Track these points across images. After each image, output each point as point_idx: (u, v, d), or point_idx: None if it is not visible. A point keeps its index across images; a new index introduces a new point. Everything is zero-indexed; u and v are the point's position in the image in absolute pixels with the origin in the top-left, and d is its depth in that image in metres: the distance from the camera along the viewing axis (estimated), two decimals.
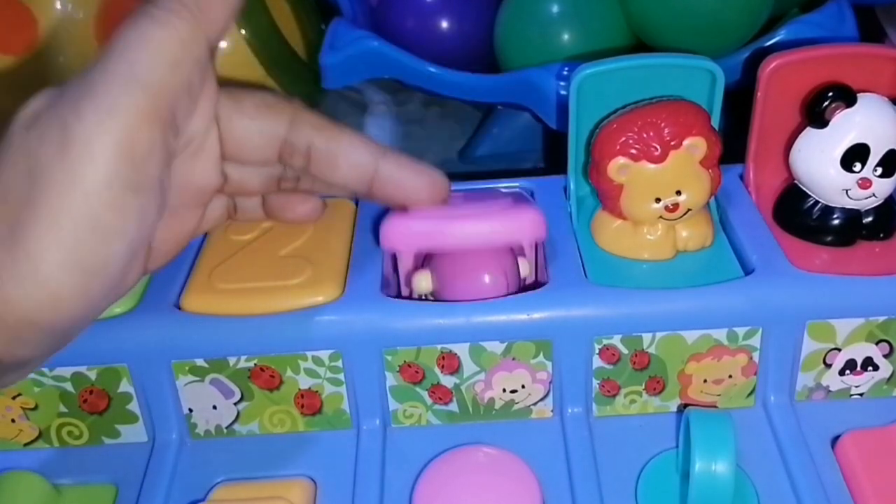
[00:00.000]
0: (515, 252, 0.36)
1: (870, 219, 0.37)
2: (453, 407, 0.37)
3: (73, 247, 0.24)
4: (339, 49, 0.47)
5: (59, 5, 0.49)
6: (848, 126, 0.36)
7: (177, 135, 0.26)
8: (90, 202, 0.24)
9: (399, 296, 0.36)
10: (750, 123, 0.39)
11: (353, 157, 0.30)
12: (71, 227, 0.24)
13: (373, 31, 0.48)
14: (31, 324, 0.24)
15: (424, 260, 0.36)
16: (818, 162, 0.36)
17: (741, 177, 0.41)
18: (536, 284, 0.36)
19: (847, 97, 0.36)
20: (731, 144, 0.38)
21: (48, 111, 0.25)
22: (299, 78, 0.51)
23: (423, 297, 0.36)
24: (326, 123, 0.30)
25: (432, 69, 0.46)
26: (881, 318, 0.35)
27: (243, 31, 0.49)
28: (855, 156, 0.36)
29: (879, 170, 0.36)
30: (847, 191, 0.36)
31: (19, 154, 0.25)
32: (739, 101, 0.41)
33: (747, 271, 0.36)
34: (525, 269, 0.36)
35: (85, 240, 0.24)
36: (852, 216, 0.37)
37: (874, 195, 0.36)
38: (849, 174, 0.36)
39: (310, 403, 0.37)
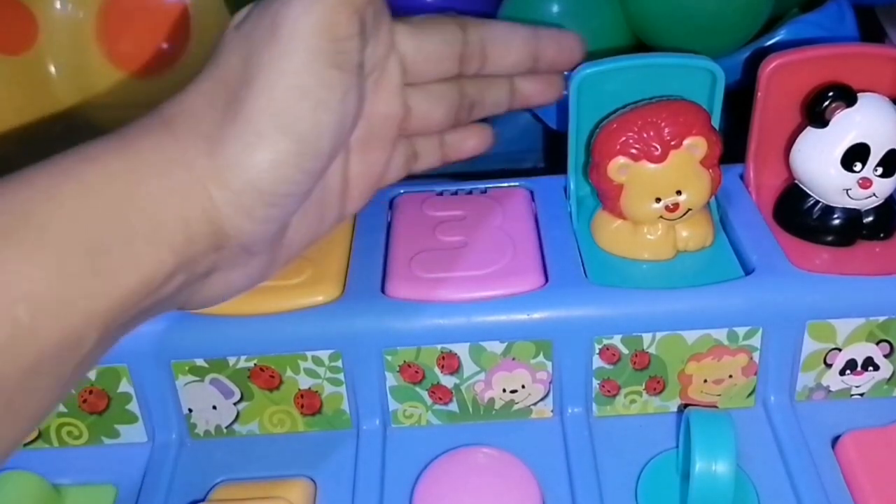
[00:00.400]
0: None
1: (870, 219, 0.37)
2: (453, 407, 0.37)
3: (285, 110, 0.27)
4: None
5: (59, 5, 0.49)
6: (848, 126, 0.36)
7: (365, 43, 0.29)
8: (299, 73, 0.27)
9: None
10: (750, 123, 0.39)
11: (519, 35, 0.35)
12: (282, 94, 0.27)
13: None
14: (253, 188, 0.27)
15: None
16: (818, 162, 0.36)
17: (741, 177, 0.41)
18: None
19: (847, 97, 0.36)
20: (731, 144, 0.38)
21: (256, 8, 0.29)
22: None
23: None
24: (485, 20, 0.34)
25: None
26: (881, 318, 0.35)
27: None
28: (855, 155, 0.36)
29: (880, 169, 0.36)
30: (847, 190, 0.36)
31: (234, 45, 0.28)
32: (739, 101, 0.41)
33: (747, 271, 0.36)
34: None
35: (296, 105, 0.27)
36: (852, 216, 0.37)
37: (874, 195, 0.36)
38: (849, 174, 0.36)
39: (310, 403, 0.37)
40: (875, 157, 0.36)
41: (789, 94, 0.38)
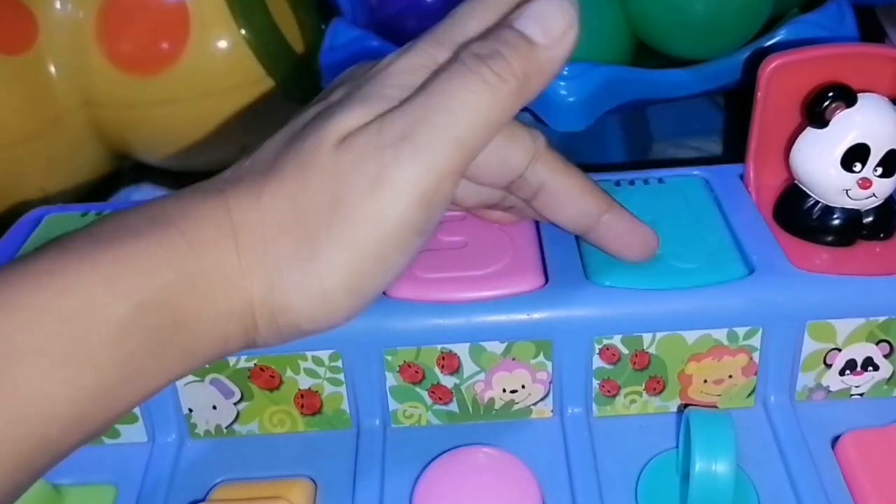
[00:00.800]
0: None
1: (870, 219, 0.37)
2: (453, 407, 0.37)
3: (358, 275, 0.26)
4: (339, 49, 0.47)
5: (59, 5, 0.49)
6: (848, 126, 0.36)
7: None
8: (385, 241, 0.26)
9: None
10: (750, 123, 0.39)
11: (580, 205, 0.32)
12: (362, 258, 0.26)
13: (373, 31, 0.48)
14: (297, 330, 0.27)
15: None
16: (818, 162, 0.36)
17: (741, 177, 0.41)
18: None
19: (847, 97, 0.36)
20: (731, 144, 0.38)
21: (364, 142, 0.26)
22: (299, 78, 0.51)
23: None
24: (563, 166, 0.31)
25: None
26: (881, 318, 0.35)
27: (243, 31, 0.49)
28: (855, 156, 0.36)
29: (880, 170, 0.36)
30: (847, 191, 0.36)
31: (327, 176, 0.26)
32: (739, 101, 0.41)
33: (747, 272, 0.36)
34: None
35: (370, 272, 0.26)
36: (852, 216, 0.37)
37: (874, 195, 0.36)
38: (849, 174, 0.36)
39: (310, 403, 0.37)
40: (875, 157, 0.36)
41: (789, 94, 0.38)
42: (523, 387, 0.36)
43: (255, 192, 0.26)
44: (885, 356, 0.36)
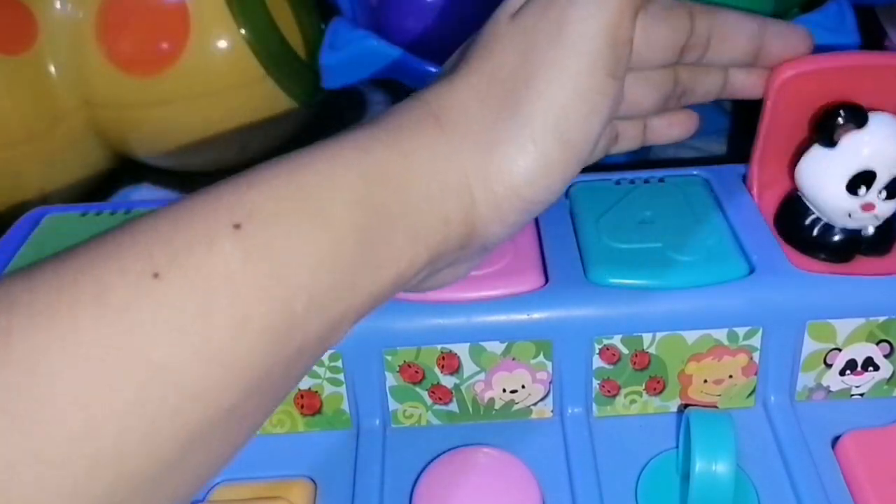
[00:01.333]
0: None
1: (869, 234, 0.37)
2: (453, 407, 0.37)
3: (560, 117, 0.27)
4: (339, 49, 0.47)
5: (59, 5, 0.49)
6: (856, 150, 0.35)
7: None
8: (578, 79, 0.27)
9: None
10: (756, 126, 0.38)
11: (746, 29, 0.33)
12: (560, 99, 0.27)
13: (373, 31, 0.48)
14: (516, 195, 0.27)
15: None
16: (823, 182, 0.35)
17: (742, 177, 0.41)
18: None
19: (858, 118, 0.35)
20: (733, 144, 0.38)
21: (537, 2, 0.28)
22: (299, 78, 0.51)
23: None
24: (712, 7, 0.33)
25: (432, 69, 0.46)
26: (881, 318, 0.35)
27: (243, 31, 0.49)
28: (861, 180, 0.35)
29: (884, 193, 0.35)
30: (850, 213, 0.36)
31: (511, 38, 0.28)
32: (741, 100, 0.41)
33: (748, 272, 0.36)
34: None
35: (570, 112, 0.27)
36: (852, 234, 0.36)
37: (876, 216, 0.36)
38: (853, 197, 0.35)
39: (309, 403, 0.37)
40: (881, 181, 0.35)
41: (799, 104, 0.36)
42: (523, 387, 0.36)
43: (447, 82, 0.28)
44: (886, 356, 0.36)
